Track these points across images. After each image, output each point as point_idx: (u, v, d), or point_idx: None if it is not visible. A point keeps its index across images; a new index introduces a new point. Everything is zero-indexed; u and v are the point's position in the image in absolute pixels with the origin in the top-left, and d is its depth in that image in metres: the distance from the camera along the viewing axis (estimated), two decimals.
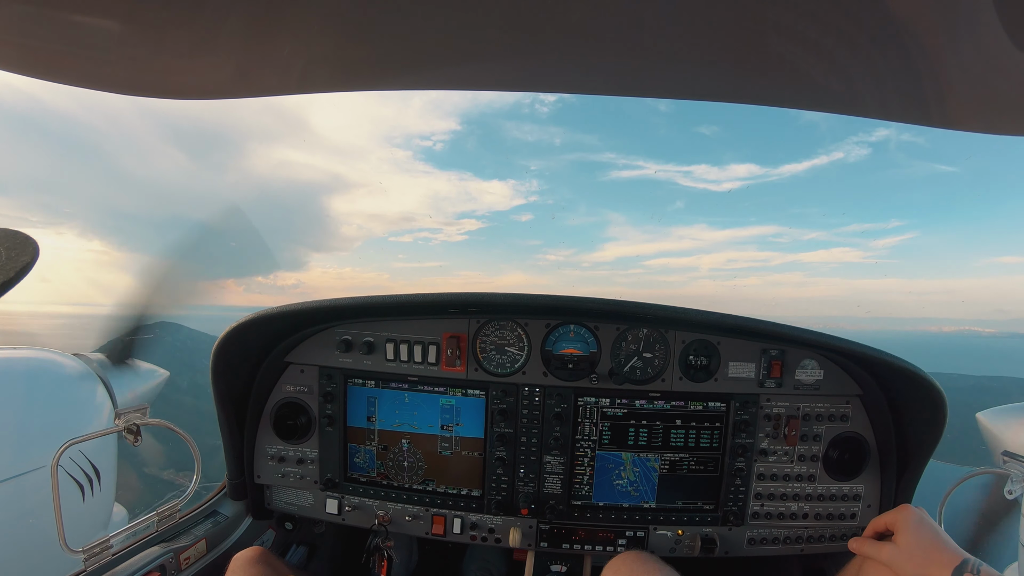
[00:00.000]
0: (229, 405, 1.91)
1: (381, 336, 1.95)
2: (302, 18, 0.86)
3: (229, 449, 1.97)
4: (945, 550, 1.35)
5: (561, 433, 1.91)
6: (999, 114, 0.94)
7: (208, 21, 0.83)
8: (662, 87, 1.14)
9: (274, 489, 2.10)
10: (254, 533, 2.10)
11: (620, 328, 1.90)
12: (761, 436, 1.90)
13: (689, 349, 1.89)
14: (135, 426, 1.67)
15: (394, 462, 2.01)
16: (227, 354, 1.81)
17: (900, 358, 1.67)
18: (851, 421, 1.89)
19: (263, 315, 1.76)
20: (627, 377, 1.89)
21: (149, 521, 1.73)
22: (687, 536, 1.94)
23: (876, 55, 0.88)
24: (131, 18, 0.80)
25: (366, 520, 2.02)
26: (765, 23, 0.84)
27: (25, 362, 2.64)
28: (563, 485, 1.94)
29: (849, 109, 1.06)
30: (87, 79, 0.94)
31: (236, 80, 1.02)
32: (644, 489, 1.95)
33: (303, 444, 2.01)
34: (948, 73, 0.87)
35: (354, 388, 1.99)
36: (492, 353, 1.94)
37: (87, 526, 2.63)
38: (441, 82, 1.09)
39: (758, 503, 1.92)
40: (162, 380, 3.69)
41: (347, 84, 1.06)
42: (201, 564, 1.80)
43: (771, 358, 1.86)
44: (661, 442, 1.92)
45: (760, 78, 1.03)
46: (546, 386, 1.92)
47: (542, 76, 1.06)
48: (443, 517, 1.99)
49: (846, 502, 1.91)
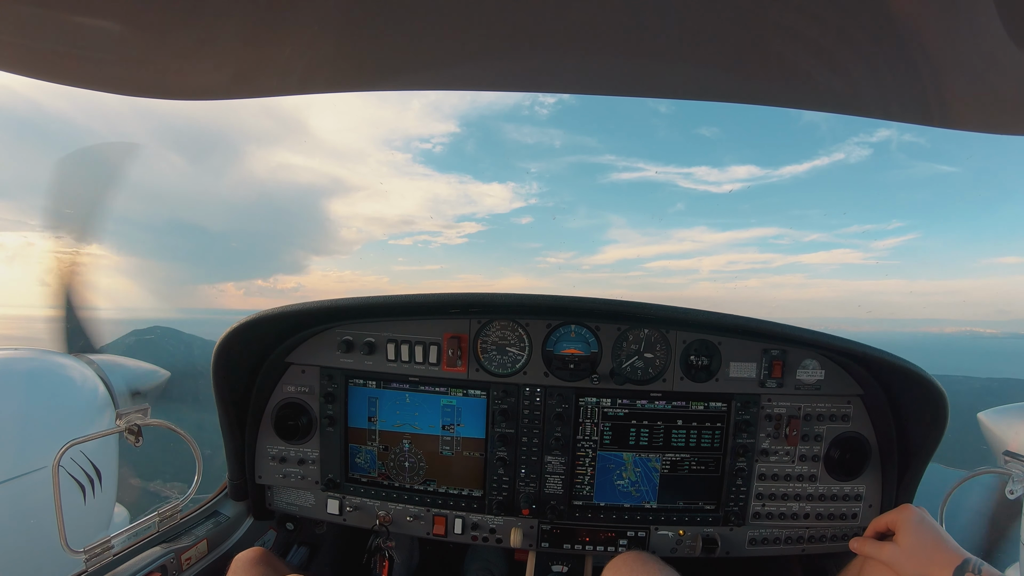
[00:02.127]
0: (230, 405, 1.91)
1: (382, 336, 1.96)
2: (302, 18, 0.86)
3: (230, 449, 1.97)
4: (946, 550, 1.35)
5: (562, 433, 1.91)
6: (999, 113, 0.94)
7: (208, 22, 0.83)
8: (663, 87, 1.14)
9: (275, 489, 2.10)
10: (255, 533, 2.10)
11: (621, 328, 1.90)
12: (762, 436, 1.90)
13: (690, 349, 1.89)
14: (136, 427, 1.67)
15: (395, 462, 2.01)
16: (228, 354, 1.81)
17: (901, 358, 1.66)
18: (852, 421, 1.89)
19: (264, 315, 1.76)
20: (628, 377, 1.89)
21: (150, 521, 1.73)
22: (688, 536, 1.94)
23: (877, 55, 0.88)
24: (131, 19, 0.80)
25: (367, 520, 2.02)
26: (766, 23, 0.84)
27: (26, 363, 2.64)
28: (564, 485, 1.94)
29: (850, 109, 1.06)
30: (88, 80, 0.95)
31: (236, 81, 1.02)
32: (645, 489, 1.95)
33: (304, 444, 2.02)
34: (948, 72, 0.87)
35: (355, 388, 1.99)
36: (493, 353, 1.94)
37: (88, 526, 2.63)
38: (441, 82, 1.09)
39: (759, 503, 1.92)
40: (163, 380, 3.69)
41: (347, 85, 1.06)
42: (202, 564, 1.80)
43: (772, 358, 1.86)
44: (662, 442, 1.91)
45: (761, 78, 1.03)
46: (547, 386, 1.92)
47: (543, 76, 1.07)
48: (444, 517, 1.99)
49: (847, 502, 1.91)
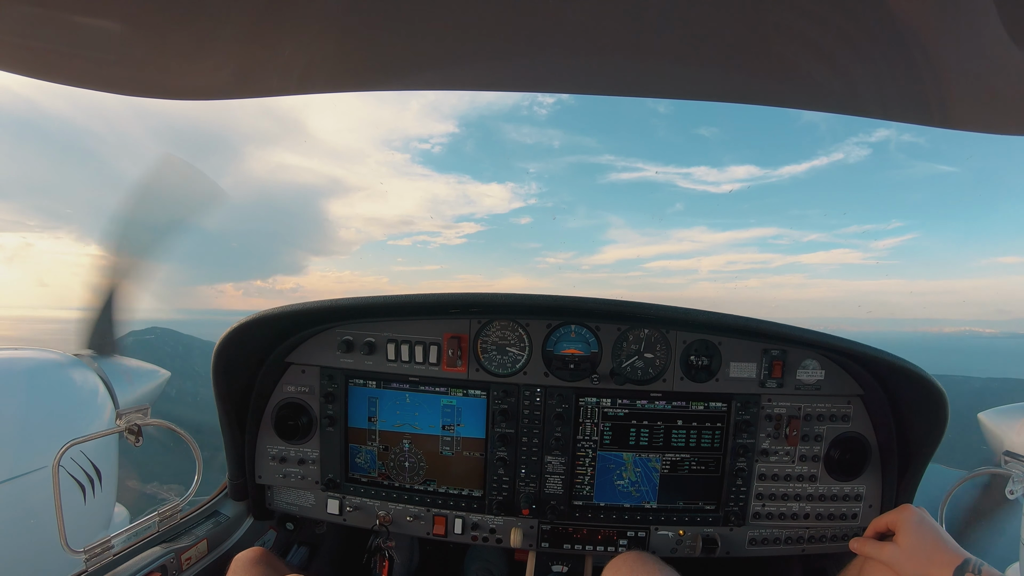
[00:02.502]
0: (230, 405, 1.91)
1: (382, 336, 1.96)
2: (302, 18, 0.86)
3: (230, 449, 1.97)
4: (946, 550, 1.35)
5: (562, 433, 1.91)
6: (999, 113, 0.94)
7: (208, 22, 0.84)
8: (663, 87, 1.14)
9: (275, 489, 2.10)
10: (255, 533, 2.10)
11: (621, 328, 1.90)
12: (762, 436, 1.90)
13: (690, 349, 1.89)
14: (136, 426, 1.67)
15: (395, 462, 2.01)
16: (228, 354, 1.81)
17: (901, 358, 1.66)
18: (852, 421, 1.89)
19: (264, 315, 1.76)
20: (628, 377, 1.89)
21: (150, 521, 1.73)
22: (688, 536, 1.94)
23: (877, 55, 0.88)
24: (132, 19, 0.80)
25: (367, 520, 2.02)
26: (766, 23, 0.85)
27: (26, 363, 2.64)
28: (564, 485, 1.94)
29: (850, 109, 1.06)
30: (89, 80, 0.95)
31: (236, 81, 1.02)
32: (645, 489, 1.95)
33: (304, 444, 2.01)
34: (948, 73, 0.87)
35: (355, 388, 1.99)
36: (493, 353, 1.94)
37: (88, 526, 2.63)
38: (441, 82, 1.09)
39: (759, 503, 1.92)
40: (163, 380, 3.69)
41: (347, 85, 1.06)
42: (202, 564, 1.80)
43: (772, 358, 1.86)
44: (662, 442, 1.91)
45: (761, 78, 1.03)
46: (547, 386, 1.92)
47: (544, 76, 1.07)
48: (444, 517, 1.99)
49: (847, 502, 1.91)
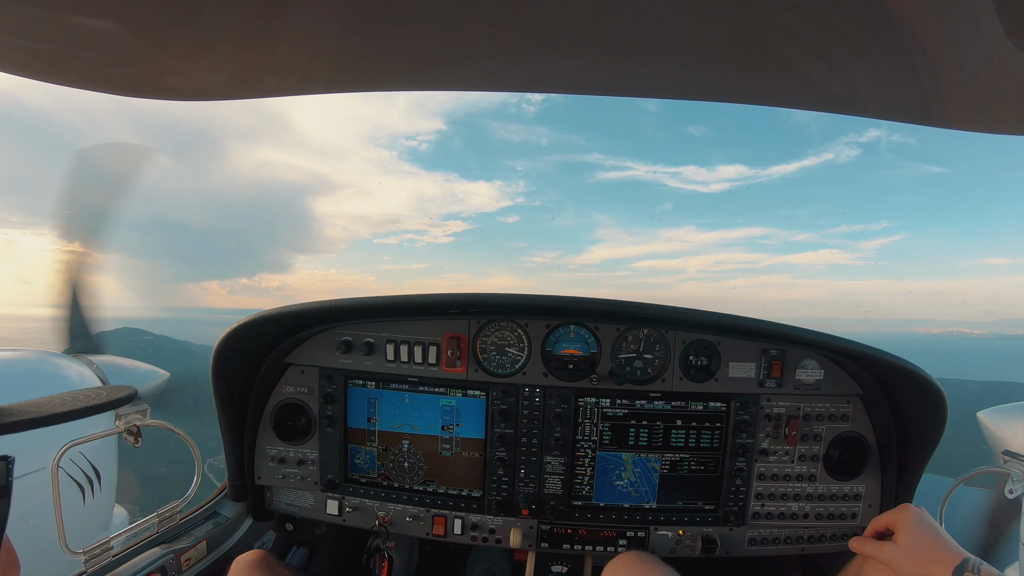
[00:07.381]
0: (229, 406, 1.90)
1: (381, 337, 1.95)
2: (301, 19, 0.86)
3: (229, 450, 1.97)
4: (946, 549, 1.35)
5: (561, 433, 1.91)
6: (999, 114, 0.94)
7: (208, 22, 0.83)
8: (660, 87, 1.13)
9: (275, 490, 2.10)
10: (255, 534, 2.10)
11: (620, 328, 1.90)
12: (761, 436, 1.90)
13: (689, 349, 1.89)
14: (135, 427, 1.66)
15: (394, 463, 2.00)
16: (227, 355, 1.81)
17: (900, 357, 1.66)
18: (851, 421, 1.89)
19: (263, 316, 1.76)
20: (627, 377, 1.89)
21: (150, 522, 1.73)
22: (688, 536, 1.94)
23: (876, 55, 0.88)
24: (131, 19, 0.80)
25: (367, 521, 2.02)
26: (765, 23, 0.84)
27: (24, 363, 2.64)
28: (564, 486, 1.94)
29: (849, 109, 1.06)
30: (87, 81, 0.94)
31: (236, 81, 1.01)
32: (644, 489, 1.95)
33: (303, 445, 2.01)
34: (948, 73, 0.87)
35: (354, 389, 1.99)
36: (492, 354, 1.94)
37: (88, 527, 2.63)
38: (438, 82, 1.09)
39: (759, 503, 1.92)
40: (162, 381, 3.68)
41: (346, 85, 1.06)
42: (202, 565, 1.80)
43: (771, 358, 1.86)
44: (661, 442, 1.91)
45: (760, 78, 1.03)
46: (546, 387, 1.92)
47: (542, 77, 1.06)
48: (444, 518, 1.99)
49: (847, 502, 1.91)
